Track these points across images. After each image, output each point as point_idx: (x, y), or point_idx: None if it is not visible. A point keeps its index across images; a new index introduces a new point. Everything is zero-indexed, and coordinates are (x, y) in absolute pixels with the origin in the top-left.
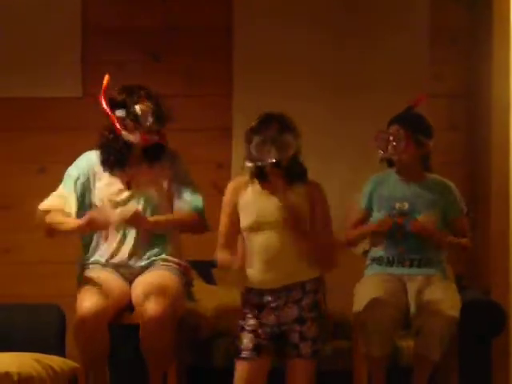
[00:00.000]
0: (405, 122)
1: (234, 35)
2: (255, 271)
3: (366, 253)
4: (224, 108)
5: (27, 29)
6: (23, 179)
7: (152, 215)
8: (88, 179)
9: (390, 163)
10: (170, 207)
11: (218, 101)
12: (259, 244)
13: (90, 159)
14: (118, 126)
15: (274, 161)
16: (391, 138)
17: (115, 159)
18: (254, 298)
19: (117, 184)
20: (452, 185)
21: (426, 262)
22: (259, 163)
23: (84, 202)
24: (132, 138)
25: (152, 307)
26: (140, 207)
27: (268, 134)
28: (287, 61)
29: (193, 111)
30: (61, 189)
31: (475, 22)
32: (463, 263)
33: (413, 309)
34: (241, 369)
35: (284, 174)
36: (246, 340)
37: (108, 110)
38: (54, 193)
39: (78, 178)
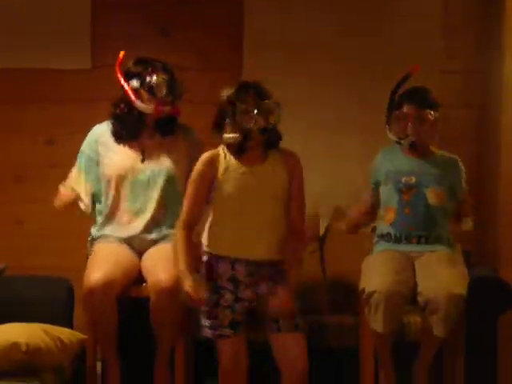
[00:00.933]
0: (421, 101)
1: (244, 10)
2: (229, 239)
3: (374, 229)
4: (233, 83)
5: (37, 0)
6: (32, 151)
7: (169, 185)
8: (96, 153)
9: (413, 145)
10: (185, 177)
11: (227, 75)
12: (236, 212)
13: (98, 132)
14: (131, 95)
15: (261, 127)
16: (410, 119)
17: (128, 131)
18: (226, 271)
19: (130, 155)
20: (459, 160)
21: (434, 239)
22: (246, 131)
23: (91, 174)
24: (146, 108)
25: (164, 279)
26: (159, 179)
27: (249, 101)
28: (298, 39)
29: (202, 85)
30: (74, 168)
31: None
32: (471, 240)
33: (420, 285)
34: (224, 346)
35: (262, 143)
36: (222, 316)
37: (123, 80)
38: (74, 176)
39: (85, 154)
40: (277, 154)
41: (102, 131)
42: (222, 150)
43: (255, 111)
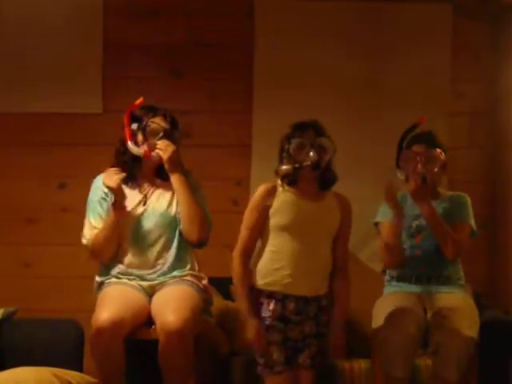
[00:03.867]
0: (430, 141)
1: (255, 52)
2: (282, 274)
3: (384, 271)
4: (244, 125)
5: (48, 45)
6: (43, 194)
7: (165, 230)
8: (102, 196)
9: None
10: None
11: (237, 118)
12: (292, 247)
13: (101, 180)
14: (127, 136)
15: (314, 162)
16: (419, 158)
17: (125, 171)
18: (276, 309)
19: (132, 199)
20: (466, 196)
21: (445, 280)
22: (298, 165)
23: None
24: (135, 150)
25: (172, 320)
26: (154, 222)
27: (306, 137)
28: (308, 78)
29: (212, 128)
30: (91, 220)
31: (497, 40)
32: (482, 282)
33: (431, 328)
34: (275, 383)
35: (317, 180)
36: (277, 353)
37: (126, 122)
38: (87, 226)
39: (93, 201)
40: (332, 195)
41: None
42: (279, 182)
43: (309, 147)
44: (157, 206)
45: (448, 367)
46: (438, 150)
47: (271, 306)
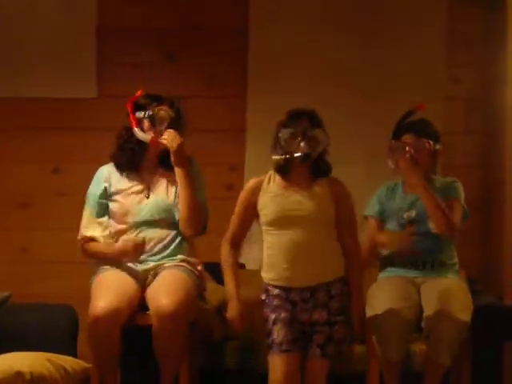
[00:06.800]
0: (419, 131)
1: (249, 36)
2: (280, 269)
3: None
4: (238, 109)
5: (43, 29)
6: (38, 179)
7: (172, 219)
8: (106, 191)
9: None
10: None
11: (232, 102)
12: (285, 240)
13: (104, 173)
14: (133, 123)
15: (304, 154)
16: (407, 148)
17: (128, 159)
18: (281, 293)
19: (135, 195)
20: (458, 180)
21: (439, 265)
22: (288, 155)
23: (102, 211)
24: (142, 136)
25: (166, 304)
26: (155, 213)
27: (299, 127)
28: (302, 62)
29: (207, 112)
30: (90, 213)
31: (492, 25)
32: (476, 267)
33: (425, 312)
34: (279, 362)
35: (309, 170)
36: (283, 332)
37: (130, 110)
38: (87, 218)
39: (93, 194)
40: (324, 181)
41: (108, 172)
42: (268, 175)
43: (300, 138)
44: (160, 197)
45: (440, 351)
46: (426, 140)
47: (275, 292)
